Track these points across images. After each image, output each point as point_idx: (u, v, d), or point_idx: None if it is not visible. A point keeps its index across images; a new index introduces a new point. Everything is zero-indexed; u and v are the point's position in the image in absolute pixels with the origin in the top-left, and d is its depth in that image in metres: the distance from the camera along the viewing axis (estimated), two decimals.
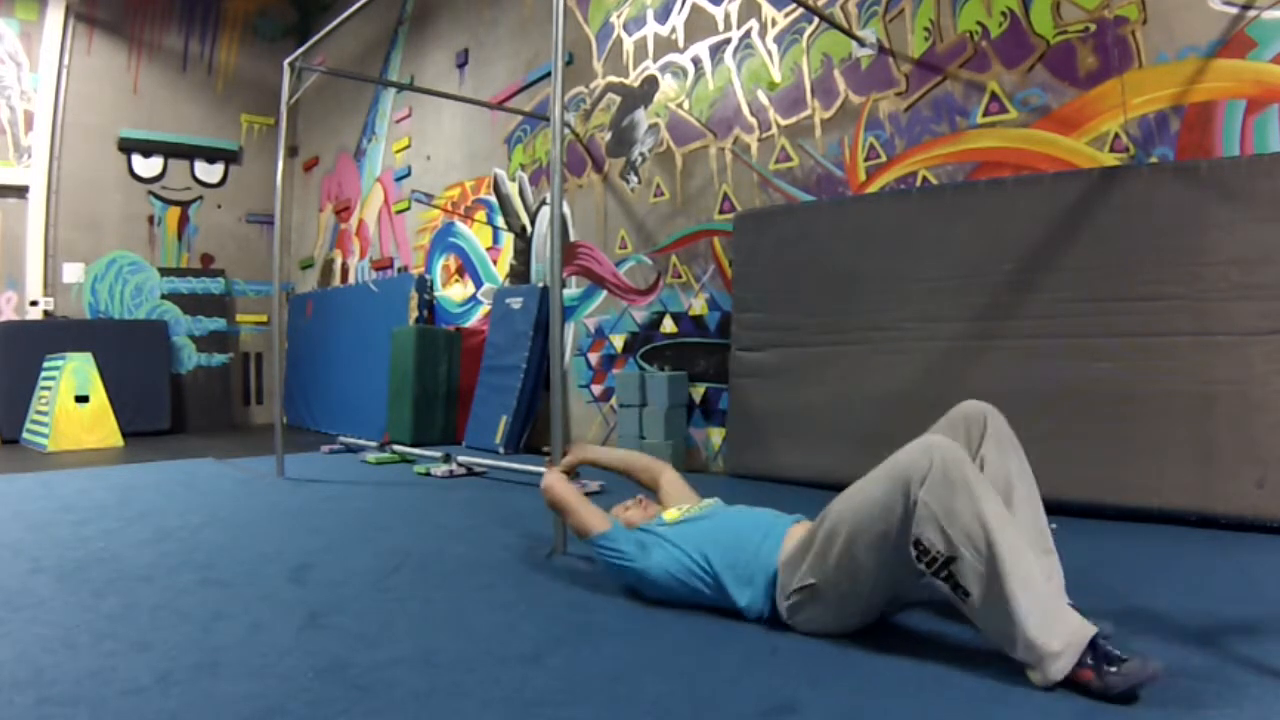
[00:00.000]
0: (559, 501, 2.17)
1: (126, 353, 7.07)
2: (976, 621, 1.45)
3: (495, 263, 6.04)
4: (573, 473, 2.38)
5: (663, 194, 4.73)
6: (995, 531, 1.39)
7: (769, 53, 4.21)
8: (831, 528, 1.58)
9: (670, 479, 2.28)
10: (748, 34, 4.31)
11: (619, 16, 5.05)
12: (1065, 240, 3.03)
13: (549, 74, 4.80)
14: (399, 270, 7.15)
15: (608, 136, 5.10)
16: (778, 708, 1.33)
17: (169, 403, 7.37)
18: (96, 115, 7.66)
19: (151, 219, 8.01)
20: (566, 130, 5.27)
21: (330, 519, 3.11)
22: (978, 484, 1.44)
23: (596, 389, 5.12)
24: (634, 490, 2.33)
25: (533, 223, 5.72)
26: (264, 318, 8.58)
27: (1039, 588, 1.40)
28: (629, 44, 4.98)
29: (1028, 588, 1.37)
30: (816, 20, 3.92)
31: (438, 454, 4.50)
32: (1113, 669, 1.31)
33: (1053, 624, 1.37)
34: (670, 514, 2.02)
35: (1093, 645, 1.34)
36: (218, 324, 8.19)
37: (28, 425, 6.46)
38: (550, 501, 2.22)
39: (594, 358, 5.15)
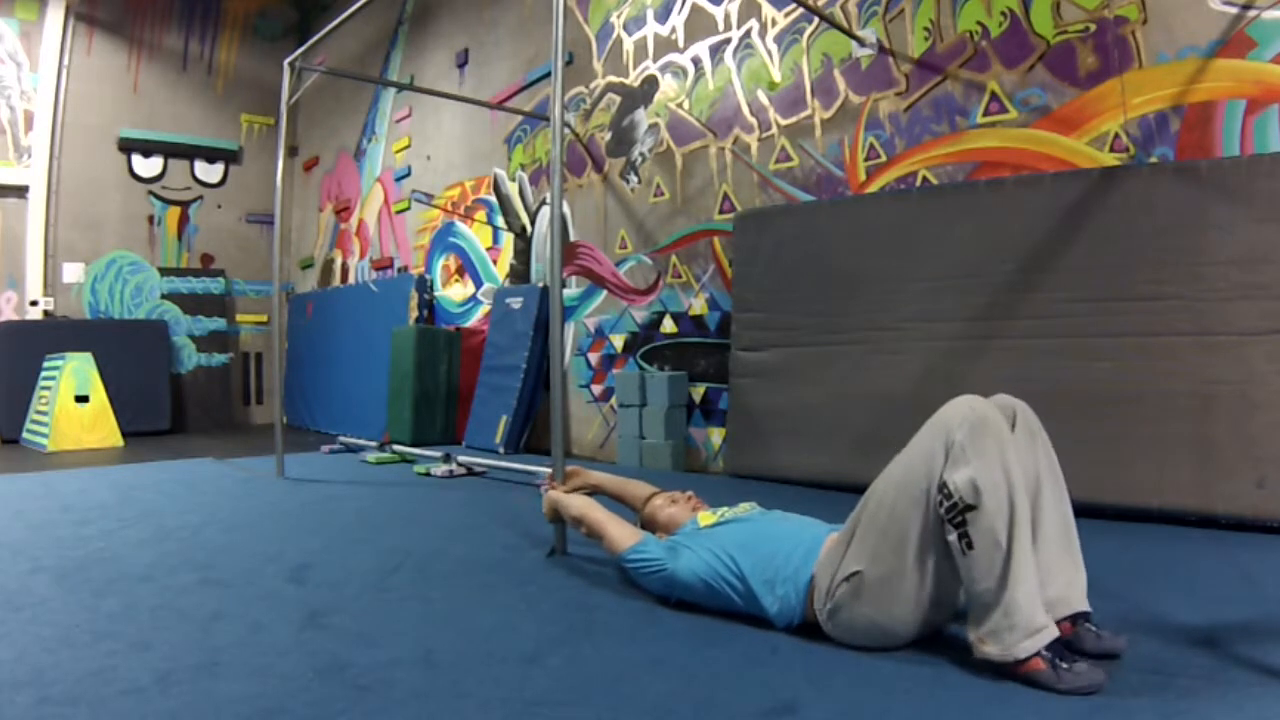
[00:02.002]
0: (584, 519, 2.15)
1: (126, 353, 7.07)
2: (964, 574, 1.44)
3: (495, 263, 6.04)
4: (589, 491, 2.38)
5: (663, 194, 4.73)
6: (1018, 493, 1.41)
7: (769, 53, 4.21)
8: (875, 503, 1.55)
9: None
10: (748, 34, 4.31)
11: (619, 16, 5.05)
12: (1065, 240, 3.03)
13: (549, 74, 4.80)
14: (399, 270, 7.15)
15: (608, 136, 5.10)
16: (778, 708, 1.33)
17: (169, 403, 7.38)
18: (96, 115, 7.66)
19: (151, 219, 8.01)
20: (566, 130, 5.27)
21: (330, 519, 3.11)
22: (1011, 446, 1.46)
23: (596, 389, 5.12)
24: (629, 514, 2.31)
25: (533, 223, 5.73)
26: (264, 318, 8.58)
27: (1033, 569, 1.41)
28: (629, 44, 4.98)
29: (1028, 562, 1.40)
30: (816, 20, 3.92)
31: (438, 454, 4.50)
32: (1065, 666, 1.35)
33: (1037, 604, 1.39)
34: (705, 517, 1.97)
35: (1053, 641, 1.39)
36: (218, 324, 8.19)
37: (28, 425, 6.46)
38: (573, 520, 2.21)
39: (594, 358, 5.15)
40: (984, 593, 1.41)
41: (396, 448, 5.02)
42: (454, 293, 6.47)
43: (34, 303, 7.28)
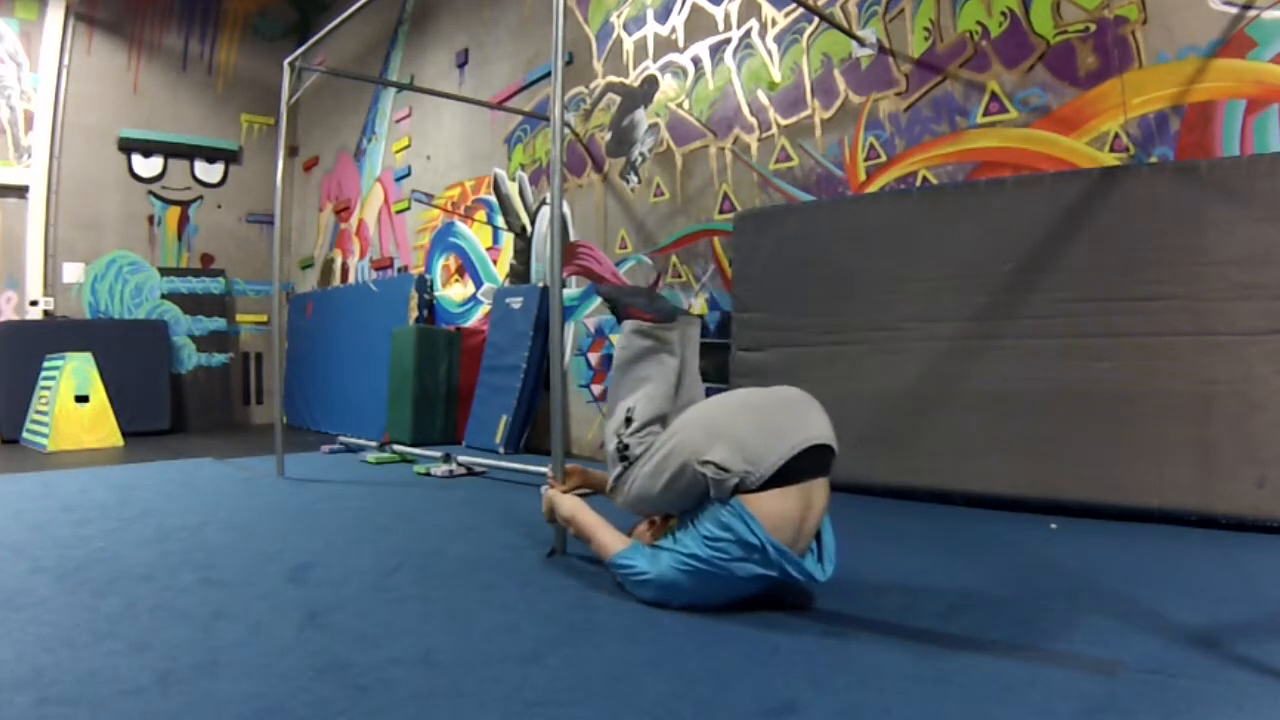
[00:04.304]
0: (573, 521, 2.17)
1: (126, 353, 7.06)
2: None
3: (495, 263, 6.04)
4: (587, 492, 2.39)
5: (663, 194, 4.73)
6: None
7: (769, 53, 4.21)
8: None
9: None
10: (748, 34, 4.31)
11: (619, 16, 5.05)
12: (1065, 240, 3.02)
13: (549, 74, 4.80)
14: (399, 270, 7.15)
15: (608, 136, 5.10)
16: (778, 708, 1.33)
17: (169, 403, 7.37)
18: (96, 115, 7.66)
19: (151, 219, 8.01)
20: (566, 130, 5.27)
21: (330, 519, 3.11)
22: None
23: (596, 389, 5.12)
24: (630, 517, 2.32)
25: (533, 223, 5.73)
26: (264, 318, 8.58)
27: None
28: (629, 44, 4.98)
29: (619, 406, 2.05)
30: (816, 20, 3.92)
31: (438, 454, 4.50)
32: (644, 302, 1.86)
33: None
34: (676, 523, 2.00)
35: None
36: (218, 324, 8.19)
37: (28, 425, 6.46)
38: (563, 519, 2.22)
39: (594, 358, 5.14)
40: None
41: (396, 448, 5.02)
42: (454, 293, 6.47)
43: (34, 303, 7.27)
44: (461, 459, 4.32)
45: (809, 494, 1.80)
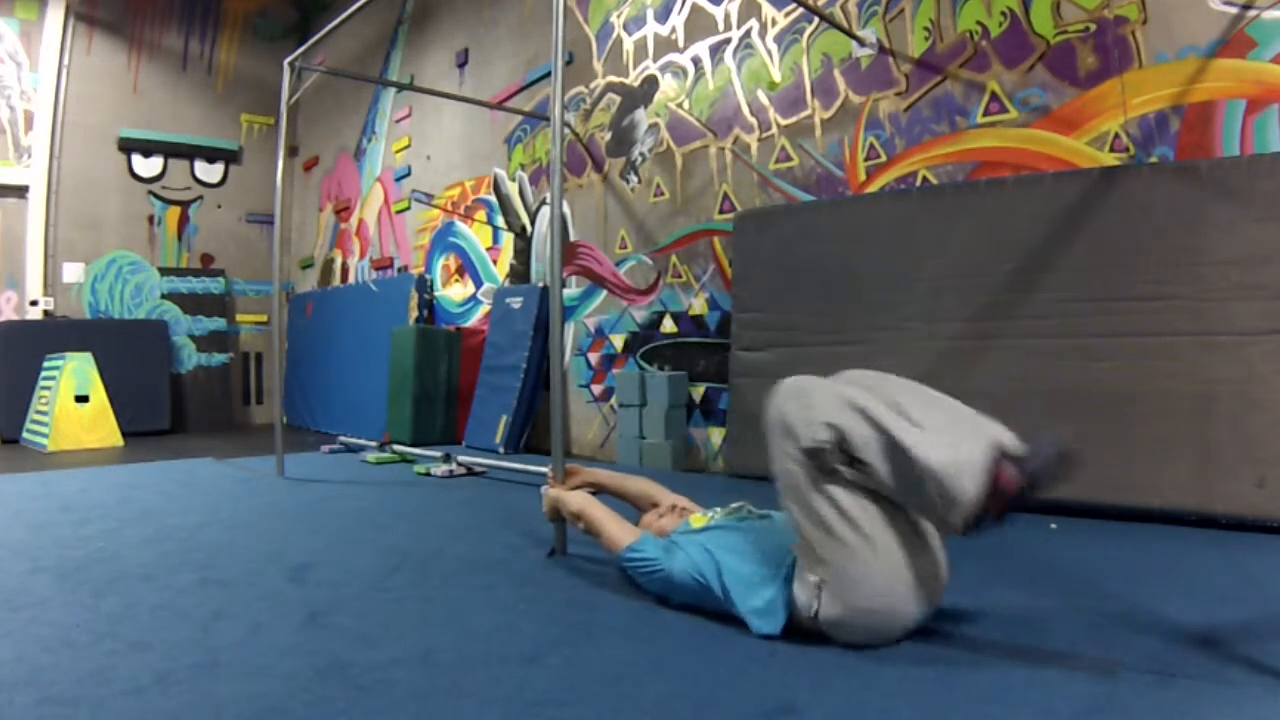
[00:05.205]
0: (583, 515, 2.16)
1: (126, 353, 7.06)
2: (885, 489, 1.46)
3: (495, 263, 6.04)
4: (592, 490, 2.39)
5: (663, 194, 4.73)
6: (864, 400, 1.47)
7: (769, 53, 4.21)
8: (792, 519, 1.61)
9: (667, 496, 2.29)
10: (748, 34, 4.31)
11: (619, 16, 5.05)
12: (1065, 240, 3.03)
13: (549, 74, 4.80)
14: (399, 270, 7.15)
15: (608, 136, 5.09)
16: (778, 708, 1.33)
17: (169, 403, 7.37)
18: (96, 115, 7.66)
19: (151, 219, 8.01)
20: (566, 130, 5.27)
21: (330, 519, 3.11)
22: (830, 383, 1.54)
23: (596, 389, 5.12)
24: (631, 512, 2.32)
25: (533, 223, 5.72)
26: (264, 318, 8.58)
27: (925, 434, 1.40)
28: (629, 44, 4.98)
29: (917, 434, 1.41)
30: (816, 20, 3.92)
31: (438, 454, 4.50)
32: (1024, 456, 1.33)
33: (954, 451, 1.37)
34: (697, 519, 2.01)
35: (998, 452, 1.36)
36: (218, 324, 8.19)
37: (28, 425, 6.46)
38: (571, 514, 2.21)
39: (594, 358, 5.15)
40: (908, 486, 1.40)
41: (396, 448, 5.02)
42: (454, 293, 6.47)
43: (34, 303, 7.27)
44: (461, 459, 4.32)
45: None
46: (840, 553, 1.52)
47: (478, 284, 6.20)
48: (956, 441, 1.40)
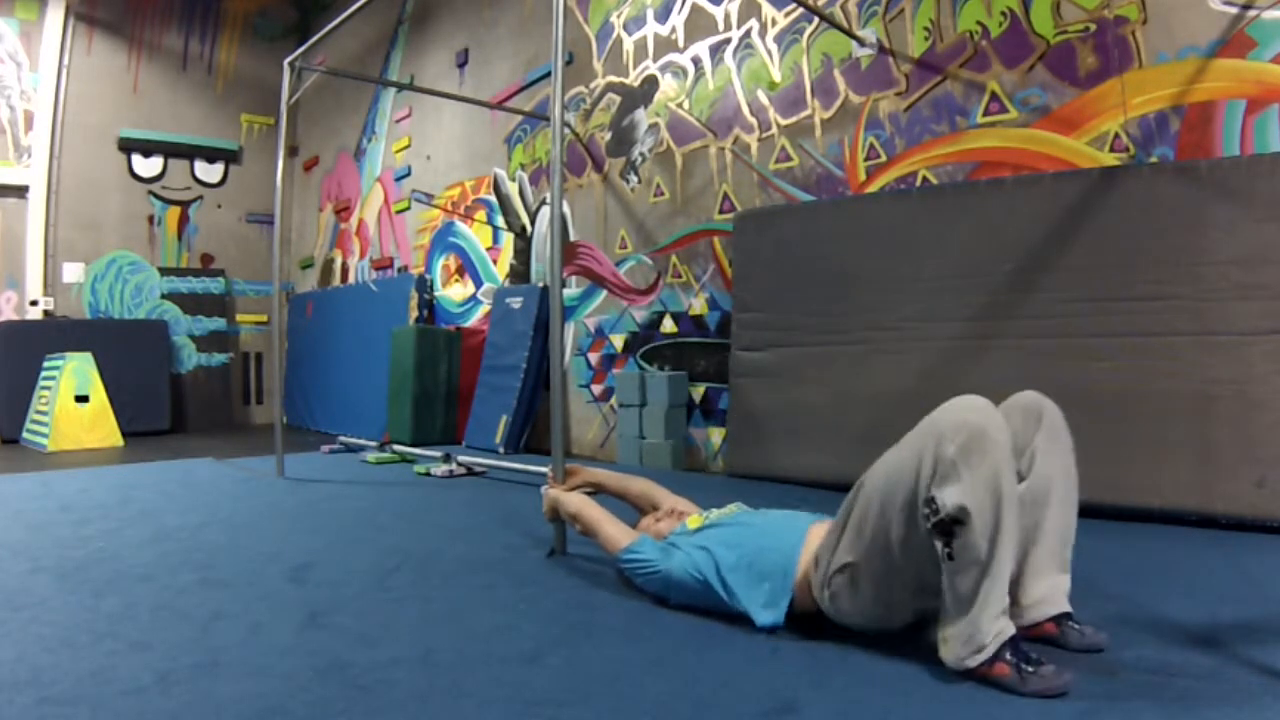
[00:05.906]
0: (580, 516, 2.16)
1: (126, 353, 7.06)
2: (944, 576, 1.42)
3: (495, 263, 6.04)
4: (591, 490, 2.39)
5: (663, 194, 4.73)
6: (1006, 511, 1.38)
7: (769, 53, 4.21)
8: (865, 499, 1.53)
9: (667, 497, 2.29)
10: (748, 34, 4.31)
11: (619, 16, 5.05)
12: (1065, 240, 3.03)
13: (549, 74, 4.80)
14: (399, 270, 7.15)
15: (608, 136, 5.09)
16: (778, 708, 1.33)
17: (169, 403, 7.37)
18: (96, 115, 7.66)
19: (151, 219, 8.01)
20: (566, 130, 5.27)
21: (330, 519, 3.11)
22: (1004, 458, 1.40)
23: (596, 389, 5.12)
24: (631, 513, 2.32)
25: (533, 223, 5.72)
26: (264, 318, 8.57)
27: (1006, 579, 1.41)
28: (629, 44, 4.98)
29: (1001, 576, 1.39)
30: (816, 20, 3.92)
31: (438, 454, 4.50)
32: (1030, 669, 1.35)
33: (1000, 622, 1.39)
34: (693, 520, 2.01)
35: (1013, 642, 1.38)
36: (218, 324, 8.19)
37: (28, 425, 6.46)
38: (569, 515, 2.22)
39: (594, 358, 5.15)
40: (957, 600, 1.41)
41: (396, 448, 5.02)
42: (454, 293, 6.47)
43: (34, 302, 7.27)
44: (461, 459, 4.32)
45: None
46: (886, 561, 1.51)
47: (478, 284, 6.20)
48: (1003, 602, 1.41)
